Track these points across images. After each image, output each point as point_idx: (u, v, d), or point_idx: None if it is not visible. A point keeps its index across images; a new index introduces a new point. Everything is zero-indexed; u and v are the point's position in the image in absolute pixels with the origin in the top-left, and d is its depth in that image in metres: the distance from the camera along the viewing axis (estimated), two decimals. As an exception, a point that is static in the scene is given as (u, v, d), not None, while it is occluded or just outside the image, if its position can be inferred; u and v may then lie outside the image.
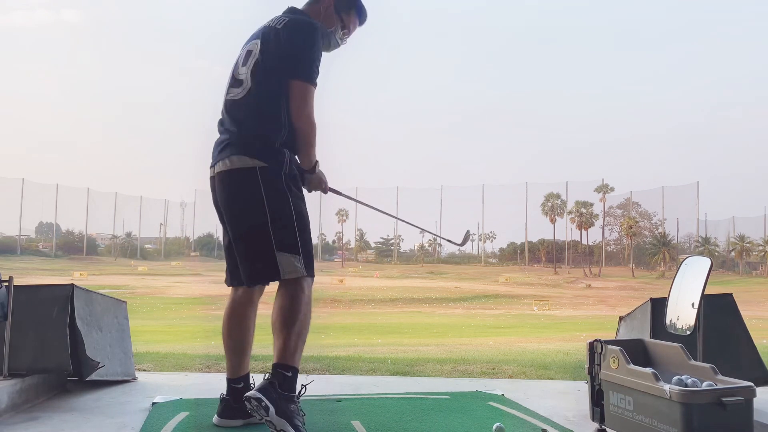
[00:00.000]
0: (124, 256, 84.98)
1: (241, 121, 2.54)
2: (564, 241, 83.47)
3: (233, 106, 2.58)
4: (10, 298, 3.01)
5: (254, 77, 2.53)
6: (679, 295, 2.62)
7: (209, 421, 2.75)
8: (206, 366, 4.37)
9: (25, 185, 79.04)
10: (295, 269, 2.49)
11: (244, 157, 2.49)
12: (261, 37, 2.59)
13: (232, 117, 2.57)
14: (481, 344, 11.45)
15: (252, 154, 2.48)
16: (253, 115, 2.52)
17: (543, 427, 2.67)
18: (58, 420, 2.76)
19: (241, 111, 2.55)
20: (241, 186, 2.50)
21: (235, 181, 2.51)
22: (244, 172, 2.48)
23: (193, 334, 16.17)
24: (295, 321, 2.47)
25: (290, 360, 2.44)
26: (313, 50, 2.54)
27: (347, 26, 2.77)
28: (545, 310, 35.14)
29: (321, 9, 2.71)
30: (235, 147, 2.52)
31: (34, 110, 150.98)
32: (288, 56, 2.51)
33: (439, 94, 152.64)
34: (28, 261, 64.79)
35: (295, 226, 2.50)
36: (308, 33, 2.54)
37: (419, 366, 4.54)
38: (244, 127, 2.53)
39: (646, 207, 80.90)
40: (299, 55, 2.52)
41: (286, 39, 2.52)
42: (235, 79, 2.61)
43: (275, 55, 2.52)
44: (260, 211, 2.47)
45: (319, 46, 2.57)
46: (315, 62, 2.54)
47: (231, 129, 2.56)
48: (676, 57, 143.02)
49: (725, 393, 2.07)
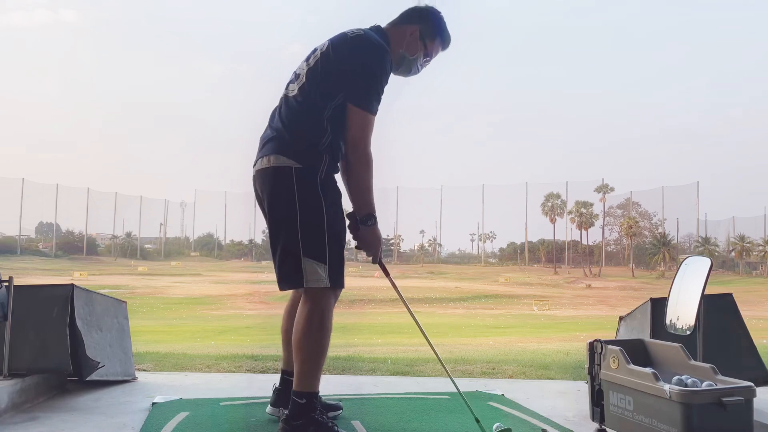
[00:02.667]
0: (124, 256, 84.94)
1: (288, 120, 2.48)
2: (564, 241, 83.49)
3: (286, 102, 2.52)
4: (10, 298, 3.01)
5: (310, 76, 2.47)
6: (679, 295, 2.62)
7: (209, 421, 2.75)
8: (206, 366, 4.37)
9: (25, 185, 79.18)
10: (318, 278, 2.39)
11: (281, 156, 2.43)
12: (332, 40, 2.52)
13: (282, 113, 2.52)
14: (481, 344, 11.45)
15: (290, 155, 2.43)
16: (299, 116, 2.46)
17: (543, 427, 2.67)
18: (58, 420, 2.76)
19: (291, 108, 2.49)
20: (276, 185, 2.44)
21: (272, 180, 2.45)
22: (279, 171, 2.43)
23: (193, 334, 16.18)
24: (308, 344, 2.40)
25: (303, 386, 2.39)
26: (377, 76, 2.43)
27: (430, 53, 2.66)
28: (545, 310, 35.12)
29: (406, 34, 2.60)
30: (276, 145, 2.46)
31: (34, 110, 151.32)
32: (349, 71, 2.42)
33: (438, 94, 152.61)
34: (28, 261, 64.77)
35: (325, 234, 2.41)
36: (376, 56, 2.44)
37: (419, 366, 4.54)
38: (287, 126, 2.47)
39: (646, 207, 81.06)
40: (360, 78, 2.41)
41: (351, 52, 2.44)
42: (295, 74, 2.56)
43: (337, 62, 2.43)
44: (292, 214, 2.40)
45: (383, 73, 2.46)
46: (377, 89, 2.43)
47: (277, 126, 2.51)
48: (676, 57, 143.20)
49: (725, 393, 2.07)
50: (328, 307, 2.45)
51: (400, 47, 2.60)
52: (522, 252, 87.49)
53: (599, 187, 77.87)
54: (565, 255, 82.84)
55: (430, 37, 2.63)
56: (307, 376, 2.40)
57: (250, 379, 3.93)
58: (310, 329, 2.41)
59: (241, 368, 4.28)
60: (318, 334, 2.41)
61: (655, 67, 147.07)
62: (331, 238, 2.43)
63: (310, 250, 2.40)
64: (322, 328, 2.42)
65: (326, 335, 2.43)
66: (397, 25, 2.64)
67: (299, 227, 2.40)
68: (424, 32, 2.61)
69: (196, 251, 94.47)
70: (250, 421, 2.78)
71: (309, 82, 2.46)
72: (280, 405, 2.70)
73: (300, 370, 2.41)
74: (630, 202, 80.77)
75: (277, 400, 2.75)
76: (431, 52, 2.67)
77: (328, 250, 2.42)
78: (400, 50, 2.60)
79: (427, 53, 2.66)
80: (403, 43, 2.60)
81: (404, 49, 2.60)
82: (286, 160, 2.42)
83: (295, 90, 2.50)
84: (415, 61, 2.64)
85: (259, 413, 2.84)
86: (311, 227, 2.40)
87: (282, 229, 2.45)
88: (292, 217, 2.40)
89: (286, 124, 2.48)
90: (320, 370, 2.45)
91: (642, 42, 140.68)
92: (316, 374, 2.43)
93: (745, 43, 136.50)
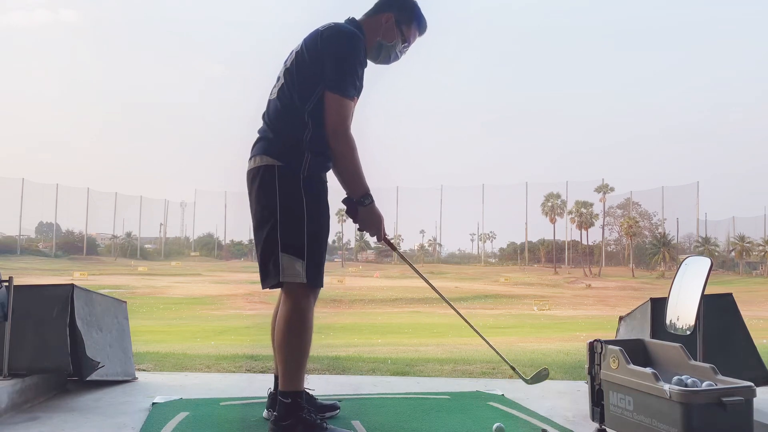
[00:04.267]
0: (124, 256, 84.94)
1: (270, 120, 2.56)
2: (564, 241, 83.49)
3: (269, 105, 2.60)
4: (10, 298, 3.01)
5: (287, 76, 2.53)
6: (679, 295, 2.62)
7: (209, 421, 2.75)
8: (206, 366, 4.37)
9: (25, 185, 79.14)
10: (295, 273, 2.41)
11: (266, 156, 2.49)
12: (305, 38, 2.56)
13: (266, 115, 2.59)
14: (481, 344, 11.40)
15: (273, 154, 2.48)
16: (280, 115, 2.52)
17: (543, 427, 2.67)
18: (58, 420, 2.76)
19: (272, 109, 2.56)
20: (261, 184, 2.49)
21: (258, 179, 2.50)
22: (264, 170, 2.48)
23: (193, 334, 16.20)
24: (289, 344, 2.42)
25: (287, 386, 2.41)
26: (350, 61, 2.45)
27: (407, 39, 2.69)
28: (545, 310, 35.14)
29: (382, 22, 2.63)
30: (261, 146, 2.53)
31: (34, 110, 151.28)
32: (322, 62, 2.45)
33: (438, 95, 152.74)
34: (28, 261, 64.78)
35: (304, 230, 2.43)
36: (346, 43, 2.47)
37: (419, 366, 4.54)
38: (270, 127, 2.54)
39: (646, 207, 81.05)
40: (334, 65, 2.44)
41: (323, 44, 2.47)
42: (277, 77, 2.63)
43: (311, 57, 2.48)
44: (273, 211, 2.44)
45: (357, 58, 2.47)
46: (352, 74, 2.46)
47: (262, 128, 2.59)
48: (676, 57, 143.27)
49: (725, 393, 2.07)
50: (308, 306, 2.46)
51: (377, 35, 2.64)
52: (522, 252, 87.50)
53: (599, 187, 77.88)
54: (565, 255, 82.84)
55: (406, 23, 2.67)
56: (291, 376, 2.42)
57: (250, 379, 3.93)
58: (290, 329, 2.42)
59: (240, 368, 4.28)
60: (298, 333, 2.42)
61: (655, 67, 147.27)
62: (311, 236, 2.45)
63: (288, 246, 2.43)
64: (302, 328, 2.43)
65: (306, 334, 2.44)
66: (371, 15, 2.68)
67: (279, 223, 2.44)
68: (399, 19, 2.65)
69: (196, 251, 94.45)
70: (249, 421, 2.78)
71: (287, 82, 2.52)
72: (273, 408, 2.71)
73: (283, 370, 2.43)
74: (630, 202, 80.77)
75: (272, 403, 2.76)
76: (409, 38, 2.71)
77: (306, 247, 2.44)
78: (378, 38, 2.64)
79: (405, 39, 2.69)
80: (379, 31, 2.64)
81: (381, 37, 2.64)
82: (269, 159, 2.48)
83: (275, 93, 2.57)
84: (393, 47, 2.68)
85: (258, 413, 2.84)
86: (290, 223, 2.44)
87: (263, 226, 2.48)
88: (273, 214, 2.45)
89: (269, 125, 2.56)
90: (303, 369, 2.46)
91: (642, 42, 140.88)
92: (299, 374, 2.44)
93: (746, 44, 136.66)
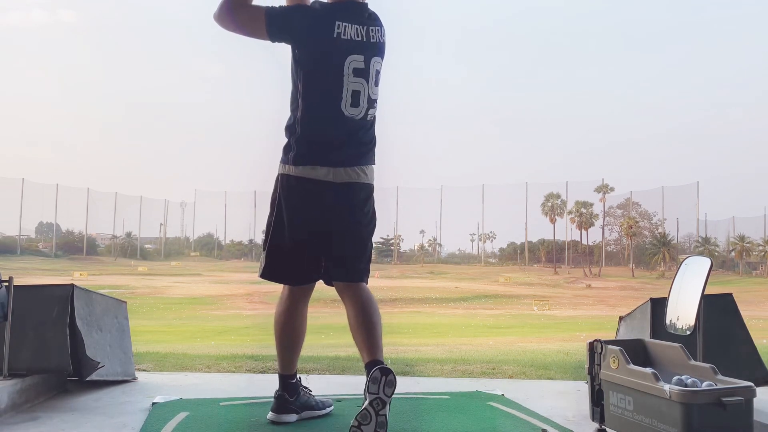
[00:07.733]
0: (124, 256, 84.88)
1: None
2: (564, 241, 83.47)
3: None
4: (10, 298, 3.01)
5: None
6: (679, 295, 2.62)
7: (209, 421, 2.75)
8: (206, 366, 4.37)
9: (25, 185, 79.03)
10: (260, 266, 2.69)
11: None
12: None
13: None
14: (481, 344, 11.47)
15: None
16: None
17: (543, 427, 2.67)
18: (58, 420, 2.76)
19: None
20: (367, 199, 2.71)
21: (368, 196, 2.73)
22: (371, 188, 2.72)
23: (193, 334, 16.20)
24: (274, 328, 2.73)
25: (282, 370, 2.75)
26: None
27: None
28: (545, 310, 35.12)
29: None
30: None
31: (34, 110, 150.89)
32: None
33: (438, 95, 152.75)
34: (28, 261, 64.74)
35: (271, 224, 2.61)
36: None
37: (419, 366, 4.54)
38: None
39: (646, 207, 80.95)
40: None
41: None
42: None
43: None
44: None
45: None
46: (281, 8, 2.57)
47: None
48: (676, 57, 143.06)
49: (725, 393, 2.07)
50: (283, 296, 2.73)
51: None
52: (522, 252, 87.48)
53: (599, 187, 77.83)
54: (565, 255, 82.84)
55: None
56: (279, 360, 2.75)
57: (250, 379, 3.93)
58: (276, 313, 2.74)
59: (240, 368, 4.28)
60: (276, 319, 2.72)
61: (655, 67, 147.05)
62: (275, 231, 2.60)
63: (263, 241, 2.68)
64: (276, 315, 2.72)
65: (278, 321, 2.71)
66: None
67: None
68: None
69: (196, 251, 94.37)
70: (249, 421, 2.77)
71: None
72: (284, 411, 2.76)
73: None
74: (630, 202, 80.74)
75: (280, 405, 2.78)
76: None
77: (269, 242, 2.62)
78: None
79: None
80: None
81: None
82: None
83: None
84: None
85: (258, 413, 2.84)
86: (266, 218, 2.64)
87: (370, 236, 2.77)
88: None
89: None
90: (282, 354, 2.72)
91: (642, 43, 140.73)
92: (280, 356, 2.74)
93: (746, 44, 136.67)
